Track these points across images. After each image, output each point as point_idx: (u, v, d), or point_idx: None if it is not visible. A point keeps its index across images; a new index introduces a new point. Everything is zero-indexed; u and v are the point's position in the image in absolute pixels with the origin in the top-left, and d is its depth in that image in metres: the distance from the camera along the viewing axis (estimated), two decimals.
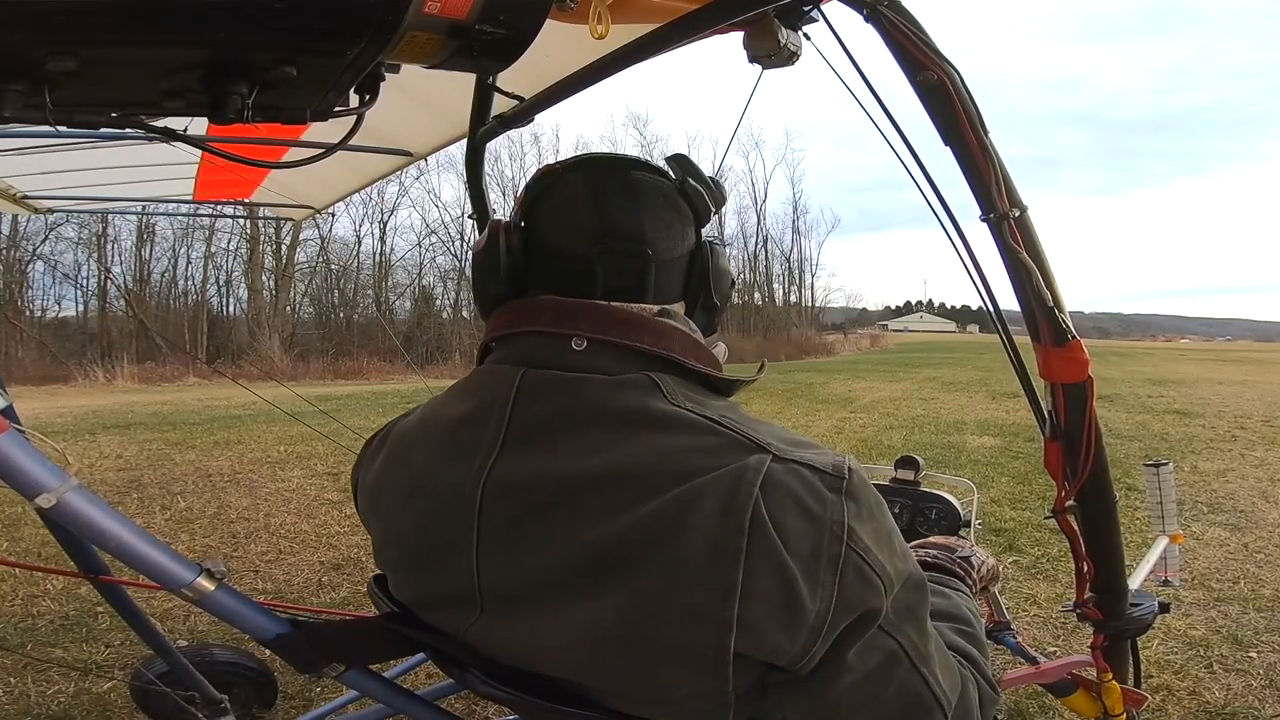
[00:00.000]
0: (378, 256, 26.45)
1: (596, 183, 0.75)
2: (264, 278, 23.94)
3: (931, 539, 1.00)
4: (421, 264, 27.64)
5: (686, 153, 0.86)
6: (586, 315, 0.70)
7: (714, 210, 0.78)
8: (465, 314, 26.89)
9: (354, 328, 24.85)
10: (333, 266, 25.56)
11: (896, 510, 1.78)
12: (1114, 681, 1.01)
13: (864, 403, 8.94)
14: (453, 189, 27.96)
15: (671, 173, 0.78)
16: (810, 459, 0.63)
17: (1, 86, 0.48)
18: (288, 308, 24.16)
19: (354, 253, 26.07)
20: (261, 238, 22.54)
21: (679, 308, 0.76)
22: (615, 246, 0.71)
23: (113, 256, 22.14)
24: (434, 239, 27.46)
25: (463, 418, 0.73)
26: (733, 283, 0.81)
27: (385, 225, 26.12)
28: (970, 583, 0.90)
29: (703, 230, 0.78)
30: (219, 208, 5.26)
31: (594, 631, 0.64)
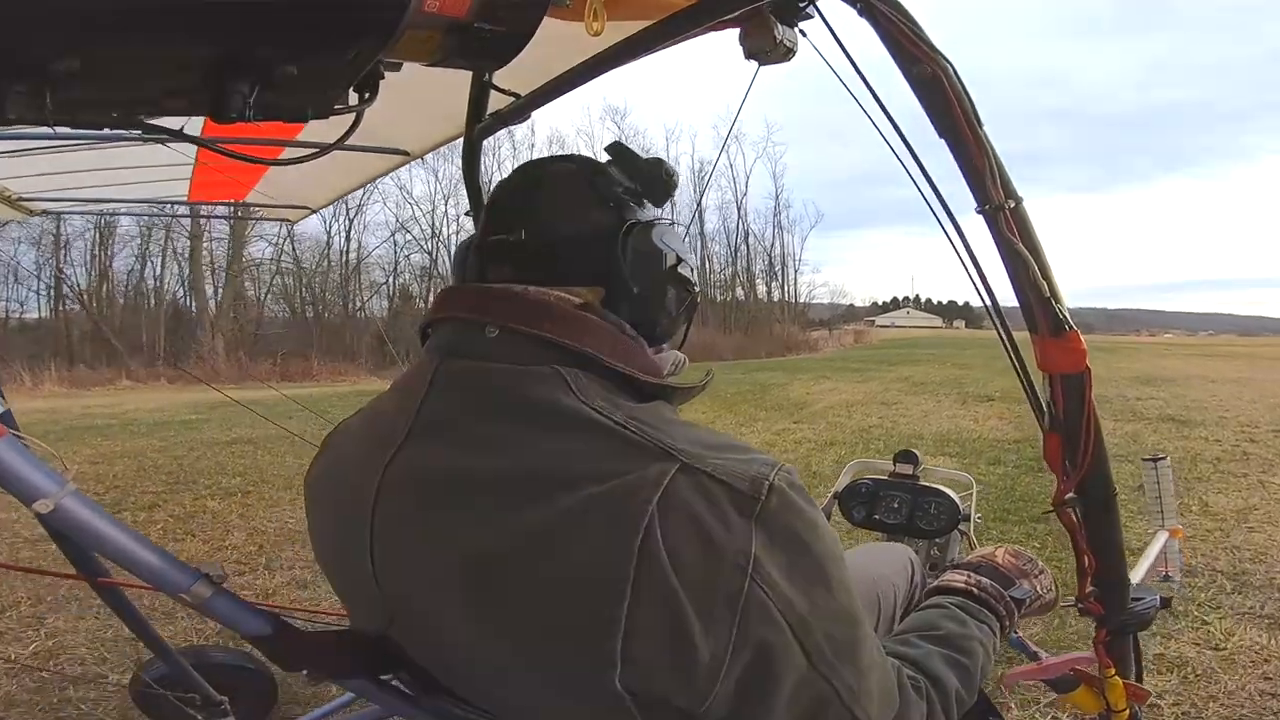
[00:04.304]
0: (344, 255, 26.18)
1: (514, 175, 0.77)
2: (209, 274, 23.41)
3: (1003, 561, 0.94)
4: (396, 261, 27.46)
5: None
6: (497, 301, 0.67)
7: (644, 191, 0.75)
8: None
9: (323, 327, 24.52)
10: (292, 265, 25.16)
11: (896, 504, 1.78)
12: (1117, 677, 1.01)
13: (816, 409, 7.92)
14: (424, 184, 27.84)
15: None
16: (728, 470, 0.56)
17: (4, 87, 0.48)
18: (231, 306, 23.58)
19: (324, 251, 25.77)
20: (204, 234, 21.84)
21: (594, 294, 0.70)
22: (513, 231, 0.71)
23: (67, 256, 21.70)
24: (407, 236, 27.32)
25: (386, 409, 0.72)
26: (673, 265, 0.74)
27: (352, 222, 25.81)
28: (1006, 625, 0.86)
29: (642, 213, 0.74)
30: (214, 209, 5.25)
31: (487, 652, 0.60)
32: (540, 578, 0.55)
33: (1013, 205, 0.81)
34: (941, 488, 1.78)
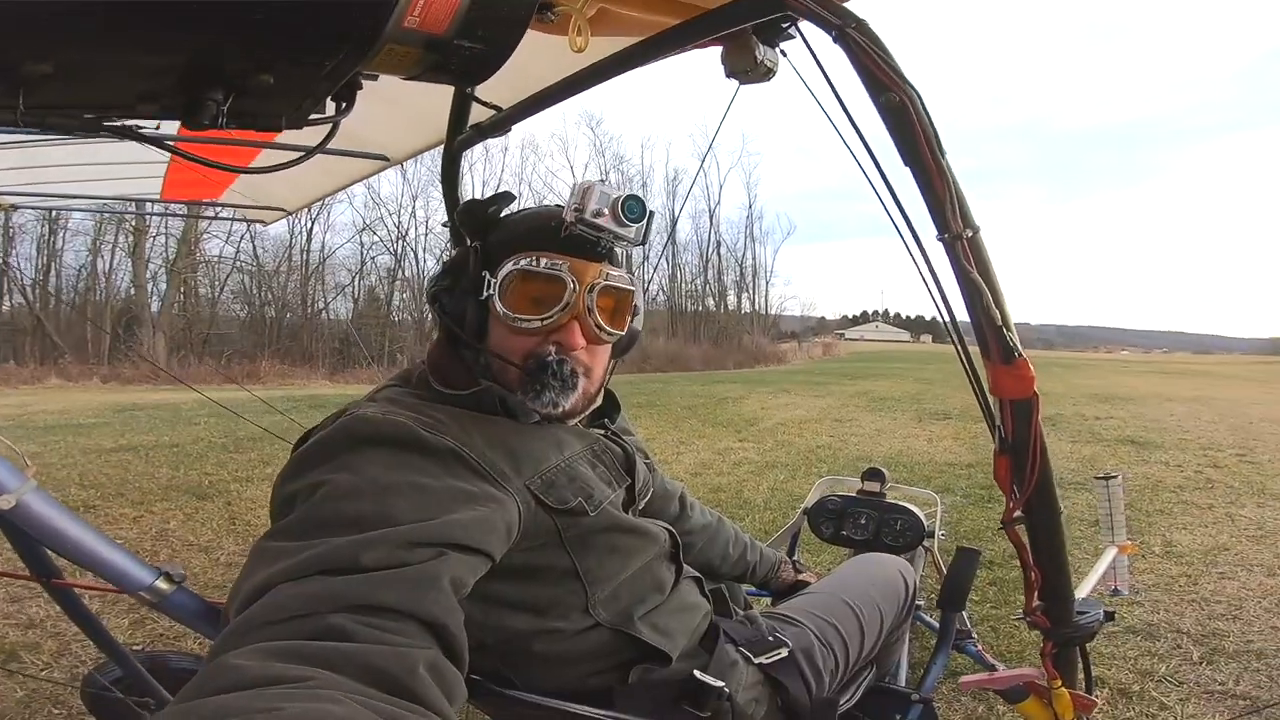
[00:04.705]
0: (306, 255, 25.35)
1: None
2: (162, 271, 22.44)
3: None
4: (362, 262, 26.69)
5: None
6: None
7: (466, 229, 0.91)
8: (410, 316, 26.06)
9: (281, 328, 23.89)
10: (251, 264, 24.37)
11: (863, 521, 1.82)
12: (1064, 688, 1.04)
13: (767, 425, 7.48)
14: (392, 186, 27.18)
15: None
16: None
17: None
18: (176, 304, 22.73)
19: (286, 250, 24.98)
20: (150, 229, 20.87)
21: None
22: None
23: (13, 250, 20.58)
24: (373, 238, 26.50)
25: None
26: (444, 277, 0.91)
27: (315, 221, 24.92)
28: None
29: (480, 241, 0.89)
30: (187, 209, 5.15)
31: None
32: None
33: (970, 234, 0.83)
34: (908, 505, 1.82)
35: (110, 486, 4.31)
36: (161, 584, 0.68)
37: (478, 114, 1.59)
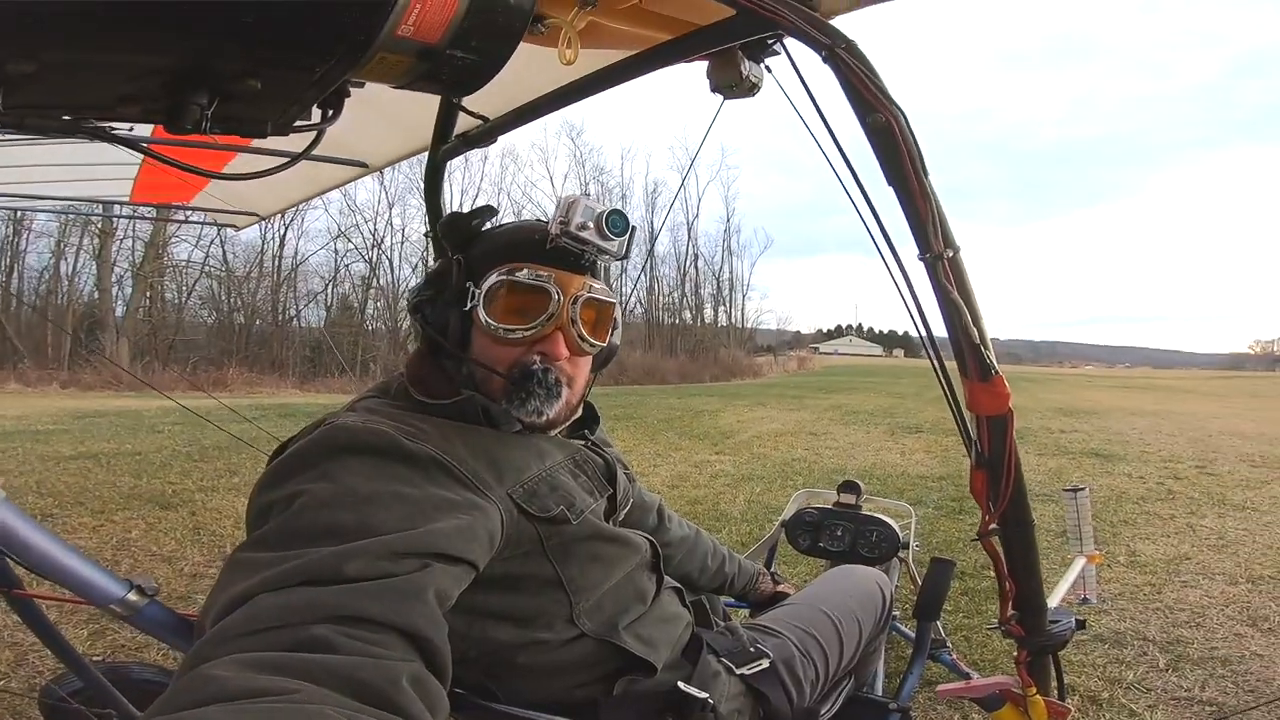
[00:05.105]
0: (278, 261, 24.74)
1: None
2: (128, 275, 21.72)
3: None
4: (336, 269, 26.10)
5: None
6: None
7: (449, 241, 0.91)
8: (384, 325, 25.66)
9: (250, 335, 23.32)
10: (220, 269, 23.73)
11: (839, 533, 1.84)
12: (1038, 696, 1.06)
13: (743, 438, 7.55)
14: (369, 192, 26.68)
15: None
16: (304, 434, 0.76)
17: None
18: (141, 309, 22.03)
19: (257, 256, 24.38)
20: (116, 231, 20.23)
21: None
22: None
23: None
24: (348, 244, 26.01)
25: None
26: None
27: (289, 226, 24.35)
28: None
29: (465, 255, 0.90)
30: (158, 212, 5.03)
31: None
32: None
33: (950, 254, 0.85)
34: (883, 517, 1.84)
35: (69, 495, 4.17)
36: (134, 597, 0.66)
37: (463, 123, 1.58)
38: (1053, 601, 1.11)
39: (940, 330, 0.91)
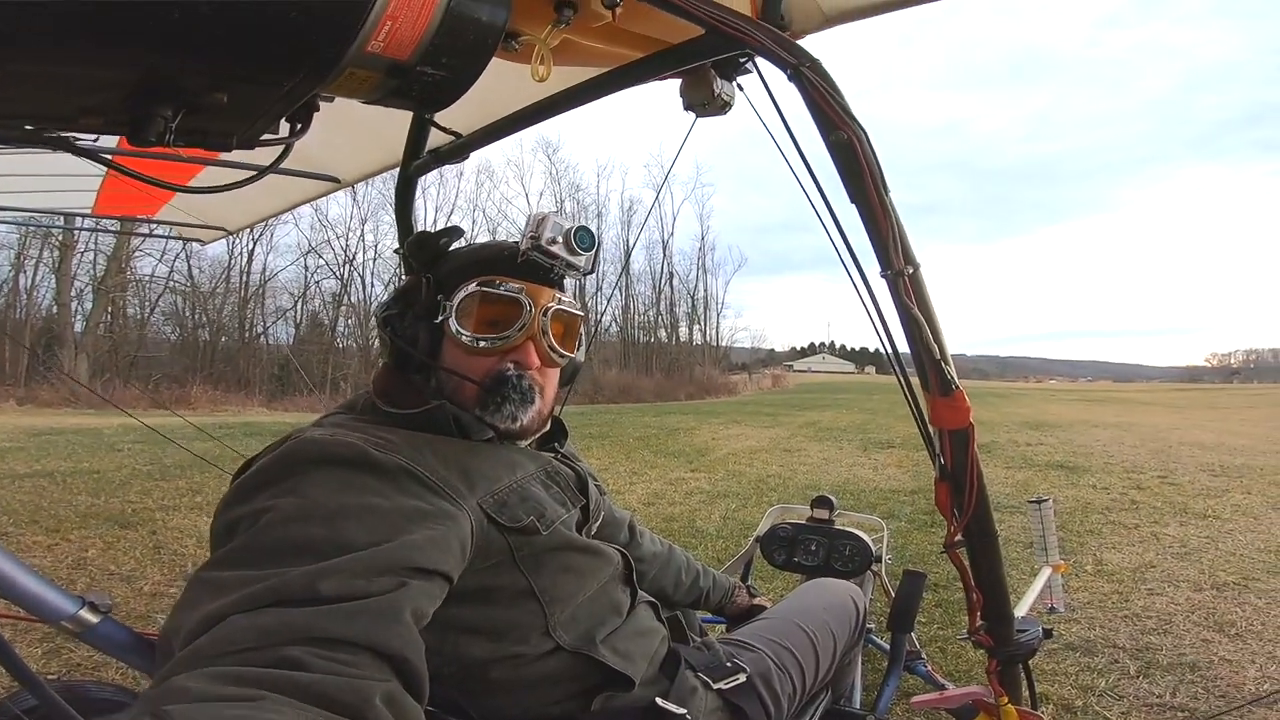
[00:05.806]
0: (245, 276, 24.14)
1: None
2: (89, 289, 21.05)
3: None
4: (306, 286, 25.56)
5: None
6: None
7: (417, 259, 0.92)
8: (355, 343, 25.20)
9: (216, 352, 22.74)
10: (186, 284, 23.12)
11: (813, 548, 1.85)
12: (1010, 705, 1.07)
13: (718, 455, 7.63)
14: (340, 207, 26.43)
15: None
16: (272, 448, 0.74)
17: None
18: (102, 324, 21.30)
19: (224, 271, 23.78)
20: (77, 244, 19.65)
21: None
22: None
23: None
24: (319, 260, 25.51)
25: None
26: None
27: (257, 241, 23.81)
28: None
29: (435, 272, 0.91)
30: (121, 225, 4.91)
31: None
32: None
33: (911, 271, 0.87)
34: (856, 531, 1.86)
35: (23, 513, 4.03)
36: (86, 614, 0.63)
37: (435, 139, 1.58)
38: (1021, 611, 1.13)
39: (905, 346, 0.93)
